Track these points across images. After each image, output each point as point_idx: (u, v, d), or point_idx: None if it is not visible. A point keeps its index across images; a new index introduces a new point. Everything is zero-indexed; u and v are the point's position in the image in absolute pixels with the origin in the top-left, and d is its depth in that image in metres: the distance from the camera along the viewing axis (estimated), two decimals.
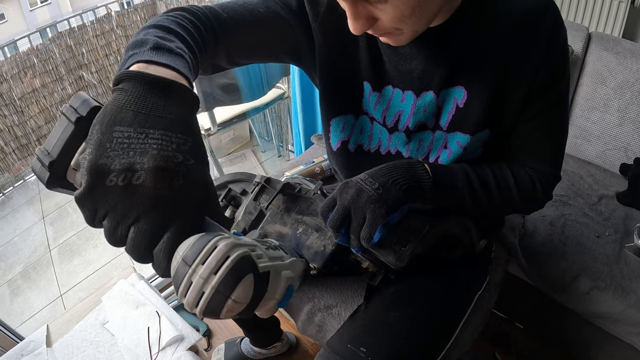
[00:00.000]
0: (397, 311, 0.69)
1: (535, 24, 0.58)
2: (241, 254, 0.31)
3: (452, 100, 0.64)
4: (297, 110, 1.42)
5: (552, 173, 0.68)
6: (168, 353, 0.90)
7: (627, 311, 0.96)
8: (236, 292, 0.30)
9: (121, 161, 0.33)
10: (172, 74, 0.40)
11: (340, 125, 0.72)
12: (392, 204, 0.54)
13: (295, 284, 0.40)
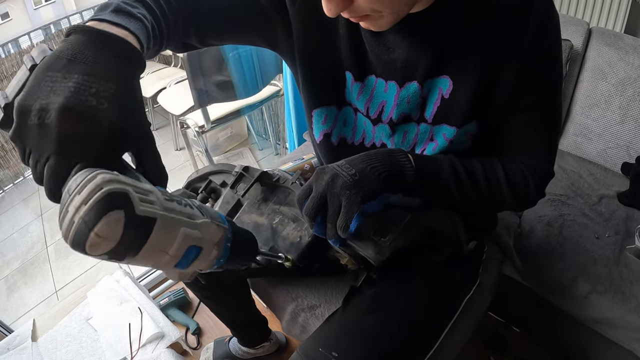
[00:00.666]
0: (375, 314, 0.65)
1: (525, 10, 0.55)
2: (114, 189, 0.30)
3: (437, 91, 0.61)
4: (289, 107, 1.41)
5: (545, 169, 0.64)
6: (148, 350, 0.89)
7: (627, 316, 0.93)
8: (99, 226, 0.29)
9: (40, 101, 0.35)
10: (121, 31, 0.42)
11: (322, 116, 0.69)
12: (369, 191, 0.51)
13: (209, 253, 0.38)
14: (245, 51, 1.54)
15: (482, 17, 0.57)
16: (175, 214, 0.35)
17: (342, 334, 0.64)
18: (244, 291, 0.99)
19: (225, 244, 0.40)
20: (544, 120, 0.63)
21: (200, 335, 1.39)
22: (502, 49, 0.57)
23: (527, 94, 0.60)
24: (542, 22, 0.55)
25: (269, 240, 0.58)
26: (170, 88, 2.42)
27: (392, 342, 0.62)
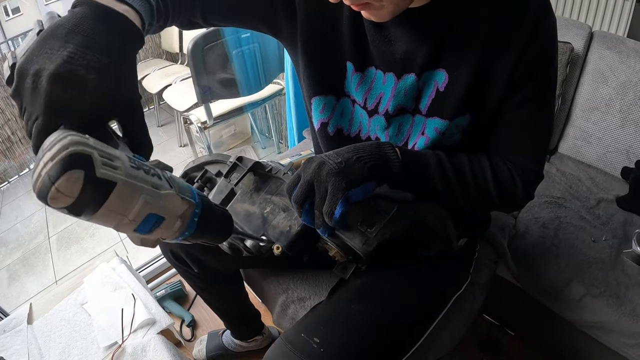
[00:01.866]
0: (359, 304, 0.65)
1: (522, 8, 0.56)
2: (78, 150, 0.33)
3: (432, 84, 0.62)
4: (290, 104, 1.42)
5: (533, 169, 0.64)
6: (139, 335, 0.90)
7: (622, 321, 0.92)
8: (60, 181, 0.32)
9: (35, 66, 0.37)
10: (123, 7, 0.44)
11: (320, 105, 0.70)
12: (354, 179, 0.51)
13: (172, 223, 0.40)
14: (249, 49, 1.55)
15: (481, 13, 0.57)
16: (138, 181, 0.36)
17: (324, 322, 0.64)
18: (237, 283, 1.00)
19: (191, 217, 0.41)
20: (534, 121, 0.63)
21: (195, 327, 1.40)
22: (498, 45, 0.57)
23: (518, 92, 0.60)
24: (539, 21, 0.56)
25: (259, 229, 0.59)
26: (175, 85, 2.45)
27: (374, 331, 0.62)
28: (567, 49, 1.26)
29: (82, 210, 0.34)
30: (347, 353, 0.60)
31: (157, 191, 0.38)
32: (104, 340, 0.92)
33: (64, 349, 0.97)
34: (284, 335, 0.64)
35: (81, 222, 2.43)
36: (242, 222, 0.60)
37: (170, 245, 0.85)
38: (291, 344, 0.62)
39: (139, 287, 1.00)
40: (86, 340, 0.96)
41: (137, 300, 0.95)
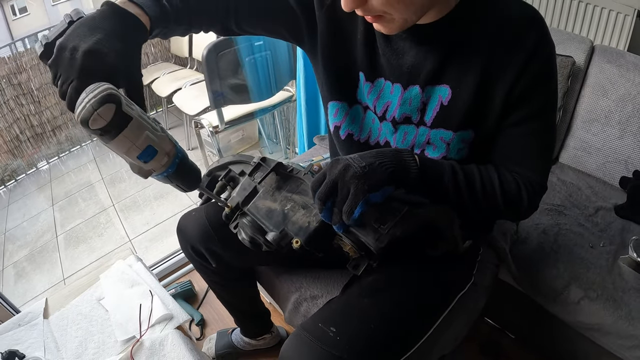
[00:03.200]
0: (372, 298, 0.70)
1: (521, 31, 0.60)
2: (114, 92, 0.48)
3: (437, 98, 0.67)
4: (301, 111, 1.46)
5: (538, 182, 0.69)
6: (157, 330, 0.93)
7: (618, 323, 0.95)
8: (100, 109, 0.47)
9: (73, 44, 0.51)
10: (136, 10, 0.58)
11: (334, 109, 0.76)
12: (375, 182, 0.56)
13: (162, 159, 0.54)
14: (261, 57, 1.60)
15: (485, 32, 0.62)
16: (144, 121, 0.52)
17: (339, 313, 0.69)
18: (251, 279, 1.04)
19: (174, 158, 0.55)
20: (537, 135, 0.67)
21: (204, 326, 1.44)
22: (498, 64, 0.62)
23: (519, 109, 0.64)
24: (538, 43, 0.60)
25: (280, 224, 0.62)
26: (185, 89, 2.48)
27: (384, 322, 0.67)
28: (569, 62, 1.30)
29: (109, 132, 0.48)
30: (360, 340, 0.64)
31: (155, 132, 0.53)
32: (122, 334, 0.95)
33: (81, 342, 0.99)
34: (302, 326, 0.69)
35: (89, 222, 2.46)
36: (264, 218, 0.64)
37: (190, 241, 0.90)
38: (309, 332, 0.66)
39: (155, 284, 1.04)
40: (103, 335, 0.99)
41: (154, 296, 0.98)
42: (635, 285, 1.01)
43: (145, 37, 0.59)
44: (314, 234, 0.61)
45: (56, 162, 3.31)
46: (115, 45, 0.53)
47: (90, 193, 2.75)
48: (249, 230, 0.65)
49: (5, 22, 6.24)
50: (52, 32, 0.55)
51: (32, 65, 3.05)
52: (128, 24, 0.56)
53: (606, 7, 1.46)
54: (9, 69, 2.99)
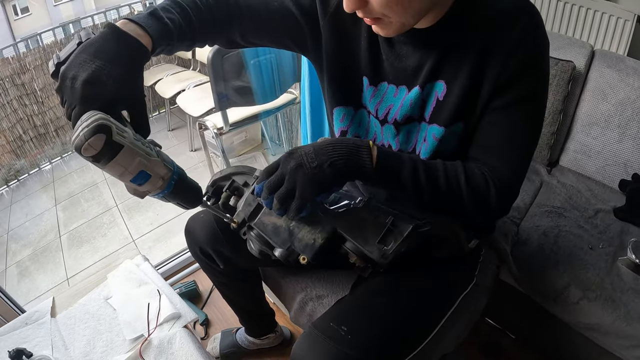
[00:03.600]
0: (381, 298, 0.72)
1: (511, 21, 0.61)
2: (104, 122, 0.51)
3: (434, 94, 0.69)
4: (305, 114, 1.47)
5: (508, 176, 0.66)
6: (165, 328, 0.94)
7: (616, 323, 0.97)
8: (91, 139, 0.50)
9: (73, 72, 0.53)
10: (138, 32, 0.58)
11: (340, 115, 0.78)
12: (323, 186, 0.59)
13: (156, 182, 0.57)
14: (265, 59, 1.62)
15: (477, 26, 0.64)
16: (136, 148, 0.54)
17: (349, 312, 0.71)
18: (256, 280, 1.06)
19: (169, 180, 0.58)
20: (513, 128, 0.66)
21: (208, 326, 1.45)
22: (489, 52, 0.63)
23: (504, 95, 0.64)
24: (525, 32, 0.61)
25: (286, 241, 0.63)
26: (189, 91, 2.50)
27: (392, 321, 0.69)
28: (569, 67, 1.32)
29: (100, 160, 0.52)
30: (370, 339, 0.66)
31: (148, 157, 0.55)
32: (130, 333, 0.96)
33: (89, 341, 1.00)
34: (314, 324, 0.71)
35: (92, 222, 2.48)
36: (270, 234, 0.64)
37: (199, 243, 0.91)
38: (321, 331, 0.68)
39: (162, 283, 1.05)
40: (111, 333, 1.00)
41: (162, 295, 1.00)
42: (634, 286, 1.03)
43: (146, 58, 0.60)
44: (320, 251, 0.62)
45: (59, 162, 3.33)
46: (115, 72, 0.54)
47: (93, 193, 2.77)
48: (257, 244, 0.66)
49: (7, 22, 6.25)
50: (63, 52, 0.57)
51: (36, 65, 3.07)
52: (128, 47, 0.57)
53: (606, 12, 1.48)
54: (12, 69, 3.00)
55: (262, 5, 0.73)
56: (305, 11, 0.74)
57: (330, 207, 0.66)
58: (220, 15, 0.69)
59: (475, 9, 0.64)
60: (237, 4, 0.71)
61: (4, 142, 3.10)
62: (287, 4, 0.73)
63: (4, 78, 2.97)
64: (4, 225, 2.76)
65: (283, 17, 0.74)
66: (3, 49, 3.11)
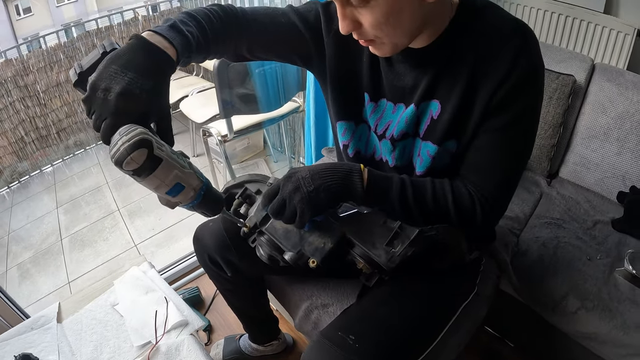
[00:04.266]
0: (386, 307, 0.75)
1: (503, 43, 0.63)
2: (146, 137, 0.52)
3: (428, 112, 0.72)
4: (310, 123, 1.49)
5: (494, 195, 0.69)
6: (172, 335, 0.96)
7: (613, 332, 0.99)
8: (134, 154, 0.51)
9: (105, 84, 0.53)
10: (164, 44, 0.59)
11: (342, 128, 0.81)
12: (318, 209, 0.64)
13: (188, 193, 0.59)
14: (270, 68, 1.64)
15: (472, 46, 0.65)
16: (174, 161, 0.56)
17: (357, 321, 0.74)
18: (261, 287, 1.08)
19: (199, 191, 0.60)
20: (504, 149, 0.68)
21: (211, 332, 1.47)
22: (483, 72, 0.65)
23: (496, 117, 0.66)
24: (517, 56, 0.62)
25: (297, 245, 0.66)
26: (192, 97, 2.50)
27: (398, 331, 0.71)
28: (570, 81, 1.35)
29: (140, 174, 0.53)
30: (377, 346, 0.69)
31: (183, 169, 0.57)
32: (137, 339, 0.97)
33: (96, 347, 1.00)
34: (322, 333, 0.73)
35: (94, 226, 2.48)
36: (282, 238, 0.67)
37: (207, 251, 0.93)
38: (330, 340, 0.70)
39: (170, 290, 1.07)
40: (119, 340, 1.01)
41: (169, 302, 1.02)
42: (630, 296, 1.05)
43: (173, 70, 0.61)
44: (329, 255, 0.65)
45: (60, 164, 3.33)
46: (146, 85, 0.55)
47: (95, 197, 2.77)
48: (266, 249, 0.68)
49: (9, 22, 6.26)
50: (85, 61, 0.58)
51: (39, 67, 3.08)
52: (157, 59, 0.58)
53: (607, 26, 1.51)
54: (15, 71, 3.01)
55: (269, 20, 0.75)
56: (310, 27, 0.76)
57: (340, 213, 0.69)
58: (230, 29, 0.71)
59: (470, 31, 0.66)
60: (245, 18, 0.73)
61: (6, 144, 3.11)
62: (294, 20, 0.76)
63: (7, 79, 2.98)
64: (5, 226, 2.76)
65: (289, 32, 0.76)
66: (6, 51, 3.12)
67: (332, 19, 0.76)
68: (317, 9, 0.77)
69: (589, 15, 1.55)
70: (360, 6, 0.59)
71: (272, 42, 0.77)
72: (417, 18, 0.61)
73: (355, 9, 0.60)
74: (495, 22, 0.65)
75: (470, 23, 0.66)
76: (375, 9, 0.58)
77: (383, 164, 0.81)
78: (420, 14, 0.61)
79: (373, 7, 0.58)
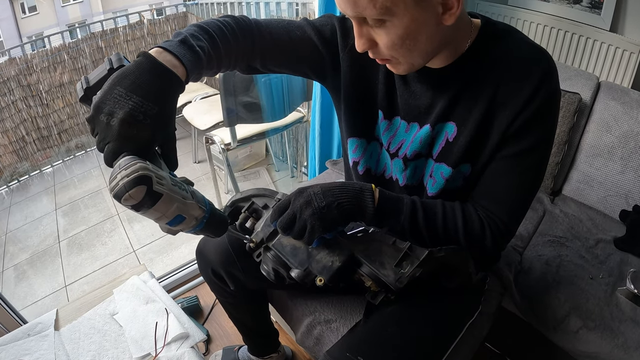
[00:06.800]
0: (394, 328, 0.74)
1: (526, 73, 0.63)
2: (145, 173, 0.51)
3: (444, 134, 0.71)
4: (315, 134, 1.49)
5: (504, 220, 0.70)
6: (172, 348, 0.95)
7: (614, 352, 0.98)
8: (132, 191, 0.50)
9: (109, 108, 0.51)
10: (173, 63, 0.56)
11: (353, 145, 0.80)
12: (329, 225, 0.63)
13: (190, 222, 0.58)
14: (276, 77, 1.64)
15: (492, 71, 0.65)
16: (174, 194, 0.54)
17: (365, 342, 0.73)
18: (263, 300, 1.07)
19: (202, 220, 0.59)
20: (517, 177, 0.69)
21: (209, 342, 1.45)
22: (503, 98, 0.65)
23: (512, 144, 0.67)
24: (539, 88, 0.62)
25: (304, 262, 0.65)
26: (195, 103, 2.50)
27: (406, 352, 0.71)
28: (575, 99, 1.35)
29: (140, 208, 0.52)
30: None
31: (185, 200, 0.55)
32: (137, 351, 0.96)
33: (94, 357, 0.99)
34: (329, 354, 0.72)
35: (93, 230, 2.47)
36: (289, 255, 0.67)
37: (211, 264, 0.92)
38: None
39: (170, 301, 1.06)
40: (117, 350, 1.00)
41: (169, 314, 1.00)
42: (632, 315, 1.05)
43: (182, 89, 0.58)
44: (337, 273, 0.64)
45: (60, 165, 3.31)
46: (152, 110, 0.52)
47: (94, 200, 2.75)
48: (272, 264, 0.67)
49: (14, 20, 6.28)
50: (92, 76, 0.56)
51: (42, 67, 3.08)
52: (165, 80, 0.55)
53: (612, 44, 1.51)
54: (19, 70, 3.00)
55: (284, 33, 0.73)
56: (326, 42, 0.75)
57: (349, 232, 0.69)
58: (243, 43, 0.69)
59: (491, 55, 0.65)
60: (259, 30, 0.71)
61: (7, 143, 3.09)
62: (309, 34, 0.75)
63: (10, 78, 2.97)
64: (3, 226, 2.74)
65: (304, 46, 0.75)
66: (10, 49, 3.11)
67: (348, 34, 0.75)
68: (333, 24, 0.76)
69: (595, 33, 1.56)
70: (376, 26, 0.58)
71: (286, 56, 0.75)
72: (435, 40, 0.61)
73: (371, 28, 0.60)
74: (518, 49, 0.65)
75: (491, 47, 0.65)
76: (391, 30, 0.58)
77: (393, 182, 0.81)
78: (438, 36, 0.60)
79: (389, 28, 0.57)
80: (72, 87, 3.24)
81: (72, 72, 3.18)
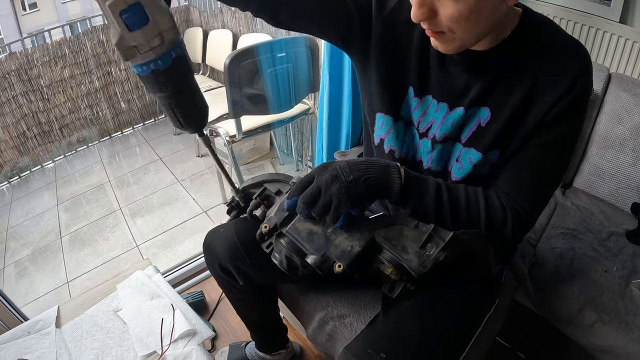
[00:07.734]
0: (414, 322, 0.72)
1: (567, 64, 0.63)
2: None
3: (476, 119, 0.70)
4: (322, 126, 1.46)
5: (527, 210, 0.69)
6: (179, 346, 0.92)
7: (630, 346, 0.97)
8: None
9: None
10: None
11: (380, 121, 0.78)
12: (357, 199, 0.60)
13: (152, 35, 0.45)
14: (282, 68, 1.61)
15: (531, 59, 0.64)
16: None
17: (386, 337, 0.71)
18: (272, 296, 1.05)
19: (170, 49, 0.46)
20: (542, 165, 0.68)
21: (215, 339, 1.43)
22: (541, 88, 0.64)
23: (541, 135, 0.66)
24: (580, 76, 0.62)
25: (322, 247, 0.62)
26: None
27: (430, 347, 0.69)
28: None
29: None
30: None
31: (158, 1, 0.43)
32: (142, 349, 0.93)
33: (97, 355, 0.96)
34: (349, 349, 0.70)
35: (95, 225, 2.44)
36: (305, 240, 0.63)
37: (219, 259, 0.90)
38: (358, 357, 0.68)
39: (176, 296, 1.03)
40: (122, 348, 0.96)
41: (176, 310, 0.98)
42: None
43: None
44: (357, 258, 0.61)
45: (62, 161, 3.29)
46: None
47: (96, 195, 2.73)
48: (285, 252, 0.64)
49: (15, 17, 6.24)
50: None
51: (43, 62, 3.04)
52: None
53: (623, 35, 1.49)
54: (19, 64, 2.97)
55: None
56: (360, 6, 0.73)
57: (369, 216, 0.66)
58: None
59: (530, 42, 0.64)
60: None
61: (7, 138, 3.06)
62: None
63: (10, 72, 2.94)
64: (4, 222, 2.72)
65: (337, 7, 0.72)
66: (10, 44, 3.07)
67: (385, 3, 0.73)
68: None
69: (605, 24, 1.54)
70: None
71: (317, 13, 0.72)
72: (494, 19, 0.60)
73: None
74: (557, 41, 0.65)
75: (532, 37, 0.65)
76: (460, 2, 0.55)
77: (417, 164, 0.79)
78: (497, 15, 0.59)
79: (459, 0, 0.55)
80: (74, 82, 3.21)
81: (73, 66, 3.15)
